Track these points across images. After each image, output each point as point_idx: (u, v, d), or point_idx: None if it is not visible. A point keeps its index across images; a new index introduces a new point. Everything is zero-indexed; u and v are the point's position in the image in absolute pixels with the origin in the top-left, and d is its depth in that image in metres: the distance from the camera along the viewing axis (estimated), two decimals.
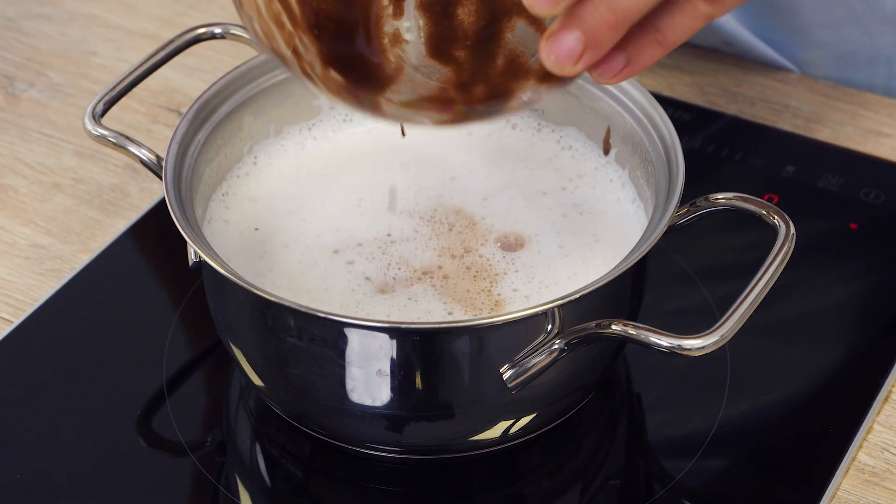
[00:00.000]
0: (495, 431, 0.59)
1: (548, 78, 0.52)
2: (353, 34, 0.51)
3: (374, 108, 0.54)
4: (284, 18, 0.52)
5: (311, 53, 0.53)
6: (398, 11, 0.50)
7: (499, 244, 0.62)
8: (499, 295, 0.60)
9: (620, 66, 0.51)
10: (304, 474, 0.62)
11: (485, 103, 0.53)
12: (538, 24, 0.51)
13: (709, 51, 0.82)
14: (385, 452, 0.60)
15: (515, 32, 0.51)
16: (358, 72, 0.52)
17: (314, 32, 0.52)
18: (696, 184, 0.70)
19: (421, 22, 0.50)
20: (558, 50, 0.49)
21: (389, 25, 0.51)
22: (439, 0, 0.50)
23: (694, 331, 0.54)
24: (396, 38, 0.51)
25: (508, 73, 0.52)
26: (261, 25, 0.53)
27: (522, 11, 0.50)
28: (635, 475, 0.62)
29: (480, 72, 0.51)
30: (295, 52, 0.53)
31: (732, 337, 0.55)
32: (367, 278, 0.61)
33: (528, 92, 0.53)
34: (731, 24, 0.79)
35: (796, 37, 0.80)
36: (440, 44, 0.50)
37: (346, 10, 0.51)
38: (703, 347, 0.53)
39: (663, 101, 0.77)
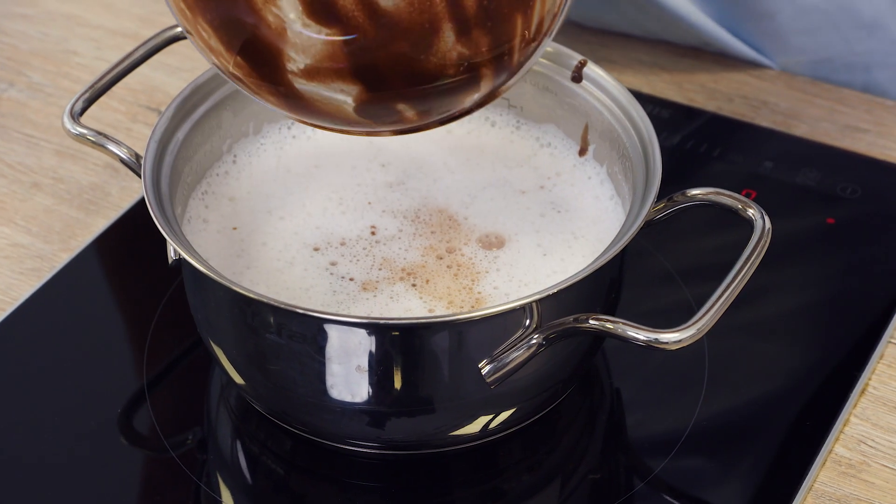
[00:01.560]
0: (475, 426, 0.59)
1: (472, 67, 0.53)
2: None
3: (290, 93, 0.53)
4: (182, 5, 0.53)
5: (210, 36, 0.53)
6: None
7: (480, 243, 0.63)
8: (479, 293, 0.60)
9: None
10: (284, 471, 0.62)
11: (391, 73, 0.52)
12: None
13: (687, 48, 0.82)
14: (365, 448, 0.61)
15: None
16: (248, 44, 0.52)
17: (195, 1, 0.52)
18: (675, 180, 0.71)
19: None
20: None
21: None
22: None
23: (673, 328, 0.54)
24: None
25: (410, 42, 0.51)
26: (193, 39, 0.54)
27: None
28: (614, 469, 0.62)
29: (371, 33, 0.51)
30: (208, 46, 0.54)
31: (710, 332, 0.55)
32: (350, 278, 0.61)
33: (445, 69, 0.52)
34: (710, 25, 0.80)
35: (773, 42, 0.80)
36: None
37: None
38: (679, 341, 0.54)
39: (642, 97, 0.78)
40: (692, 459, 0.61)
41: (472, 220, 0.64)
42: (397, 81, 0.53)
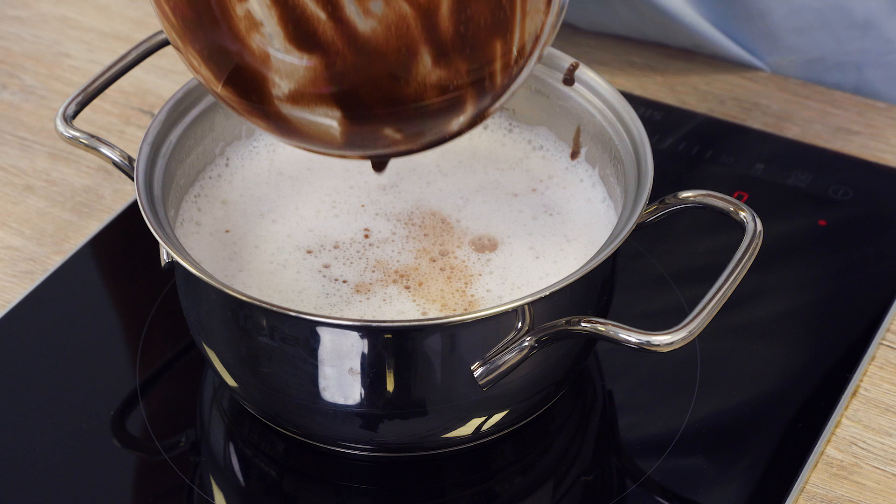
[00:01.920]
0: (468, 428, 0.59)
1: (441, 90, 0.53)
2: (210, 22, 0.52)
3: (278, 119, 0.55)
4: (174, 35, 0.54)
5: (200, 65, 0.54)
6: None
7: (473, 246, 0.63)
8: (472, 296, 0.60)
9: None
10: (277, 473, 0.62)
11: (366, 102, 0.53)
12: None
13: (680, 51, 0.82)
14: (358, 450, 0.61)
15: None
16: (234, 72, 0.54)
17: (184, 31, 0.53)
18: (667, 182, 0.71)
19: (267, 2, 0.51)
20: None
21: (240, 8, 0.52)
22: None
23: None
24: (251, 23, 0.52)
25: (382, 73, 0.52)
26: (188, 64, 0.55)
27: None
28: (607, 471, 0.62)
29: (350, 58, 0.52)
30: (200, 75, 0.55)
31: (702, 334, 0.55)
32: (343, 281, 0.61)
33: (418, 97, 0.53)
34: (704, 25, 0.80)
35: (766, 41, 0.80)
36: (294, 27, 0.51)
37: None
38: (671, 343, 0.54)
39: (634, 100, 0.78)
40: (684, 461, 0.61)
41: (465, 223, 0.64)
42: (378, 105, 0.54)
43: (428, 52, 0.52)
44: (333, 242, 0.63)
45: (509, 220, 0.64)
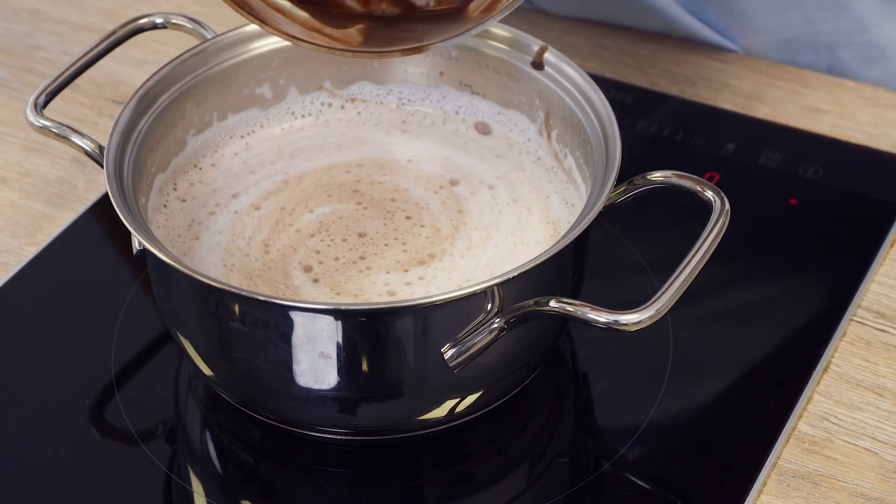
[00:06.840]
0: (442, 410, 0.59)
1: None
2: None
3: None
4: None
5: None
6: None
7: (449, 231, 0.63)
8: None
9: None
10: (254, 459, 0.62)
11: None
12: None
13: (651, 34, 0.83)
14: (334, 434, 0.61)
15: None
16: None
17: None
18: (639, 165, 0.70)
19: None
20: None
21: None
22: None
23: None
24: None
25: None
26: None
27: None
28: (581, 451, 0.63)
29: None
30: None
31: (675, 313, 0.56)
32: (314, 261, 0.61)
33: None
34: (674, 8, 0.80)
35: (737, 22, 0.80)
36: None
37: None
38: (639, 322, 0.54)
39: (605, 83, 0.78)
40: (657, 439, 0.62)
41: (437, 209, 0.64)
42: None
43: None
44: (303, 225, 0.63)
45: (485, 206, 0.64)
